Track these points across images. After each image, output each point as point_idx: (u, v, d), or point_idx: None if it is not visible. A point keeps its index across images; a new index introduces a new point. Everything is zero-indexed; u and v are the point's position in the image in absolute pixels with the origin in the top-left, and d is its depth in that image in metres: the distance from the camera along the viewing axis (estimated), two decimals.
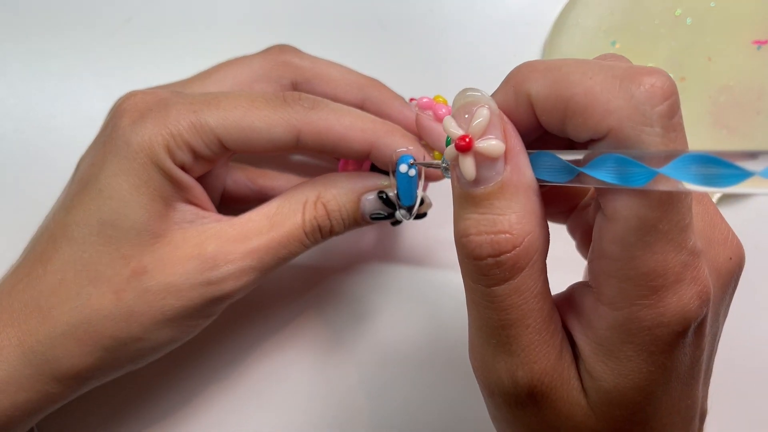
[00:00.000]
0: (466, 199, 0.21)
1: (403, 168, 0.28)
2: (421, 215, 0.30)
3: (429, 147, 0.30)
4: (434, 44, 0.39)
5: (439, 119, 0.29)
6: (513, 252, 0.20)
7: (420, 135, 0.30)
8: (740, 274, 0.23)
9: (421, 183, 0.28)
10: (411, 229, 0.37)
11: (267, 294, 0.36)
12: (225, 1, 0.40)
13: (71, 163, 0.30)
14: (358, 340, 0.36)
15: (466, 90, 0.21)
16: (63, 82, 0.38)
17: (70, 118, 0.37)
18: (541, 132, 0.22)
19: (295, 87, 0.32)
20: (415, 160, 0.28)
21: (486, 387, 0.22)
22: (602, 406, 0.21)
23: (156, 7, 0.39)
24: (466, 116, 0.20)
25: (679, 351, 0.21)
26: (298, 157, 0.37)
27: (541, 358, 0.21)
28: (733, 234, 0.23)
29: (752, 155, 0.16)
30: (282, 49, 0.33)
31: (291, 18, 0.40)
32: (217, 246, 0.28)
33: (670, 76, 0.19)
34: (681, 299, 0.20)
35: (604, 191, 0.20)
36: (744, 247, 0.23)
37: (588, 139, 0.20)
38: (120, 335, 0.27)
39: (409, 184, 0.28)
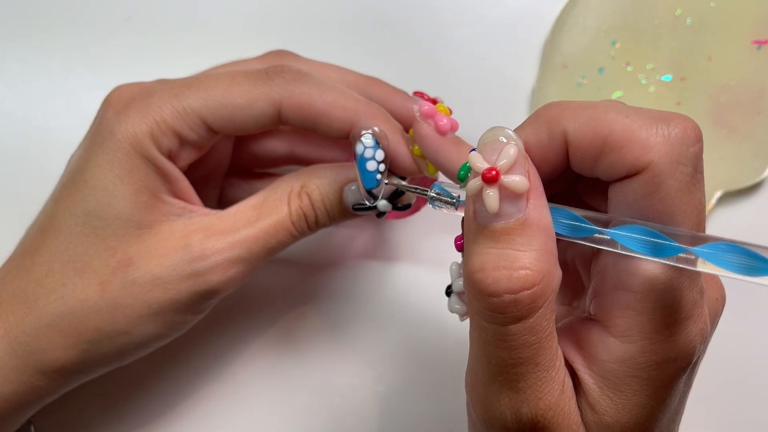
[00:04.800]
0: (484, 233, 0.20)
1: (358, 148, 0.27)
2: (404, 206, 0.29)
3: (421, 156, 0.29)
4: (434, 44, 0.39)
5: (440, 130, 0.28)
6: (532, 290, 0.19)
7: (418, 144, 0.29)
8: (719, 318, 0.24)
9: (385, 165, 0.27)
10: (407, 226, 0.37)
11: (259, 293, 0.36)
12: (225, 1, 0.40)
13: None
14: (353, 338, 0.36)
15: (495, 128, 0.21)
16: (62, 81, 0.38)
17: (70, 118, 0.37)
18: (562, 172, 0.22)
19: None
20: (380, 141, 0.27)
21: (485, 422, 0.22)
22: None
23: (156, 7, 0.39)
24: (492, 153, 0.20)
25: (677, 388, 0.21)
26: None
27: (546, 394, 0.21)
28: (718, 277, 0.24)
29: None
30: (279, 54, 0.32)
31: (291, 18, 0.40)
32: (204, 237, 0.27)
33: (696, 123, 0.20)
34: (688, 335, 0.20)
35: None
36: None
37: (620, 177, 0.20)
38: (105, 328, 0.27)
39: (367, 166, 0.27)
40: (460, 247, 0.25)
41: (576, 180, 0.25)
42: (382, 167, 0.27)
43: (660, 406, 0.21)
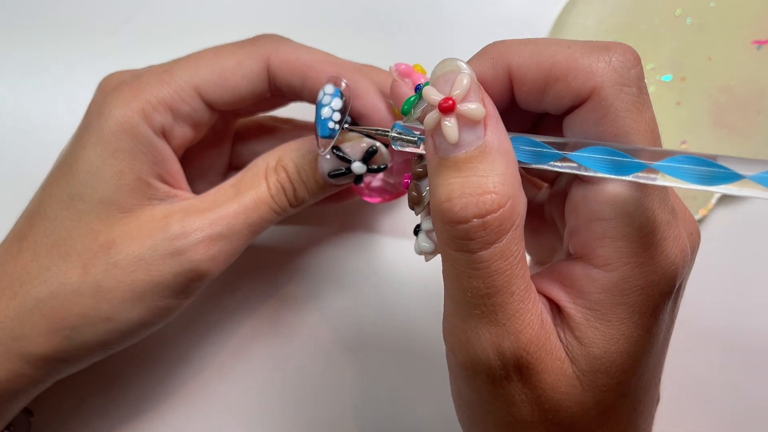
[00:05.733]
0: (446, 165, 0.20)
1: (319, 95, 0.27)
2: (379, 168, 0.29)
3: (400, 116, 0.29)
4: (434, 44, 0.39)
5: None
6: (498, 212, 0.20)
7: (395, 102, 0.28)
8: (696, 253, 0.24)
9: (341, 115, 0.27)
10: (394, 209, 0.37)
11: (260, 283, 0.36)
12: (225, 1, 0.40)
13: None
14: (354, 326, 0.36)
15: (445, 60, 0.21)
16: (63, 81, 0.38)
17: (70, 118, 0.37)
18: (508, 107, 0.23)
19: None
20: (343, 93, 0.27)
21: (466, 365, 0.22)
22: (590, 374, 0.21)
23: (156, 7, 0.39)
24: (446, 85, 0.21)
25: (662, 315, 0.21)
26: None
27: (526, 326, 0.21)
28: (690, 213, 0.24)
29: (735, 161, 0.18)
30: (268, 37, 0.33)
31: (291, 18, 0.40)
32: (184, 216, 0.27)
33: (634, 48, 0.21)
34: (668, 257, 0.21)
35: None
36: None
37: (567, 107, 0.21)
38: (88, 313, 0.26)
39: (322, 112, 0.27)
40: (406, 185, 0.25)
41: (533, 126, 0.26)
42: (337, 116, 0.27)
43: (647, 336, 0.21)
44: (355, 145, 0.28)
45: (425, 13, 0.40)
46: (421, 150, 0.24)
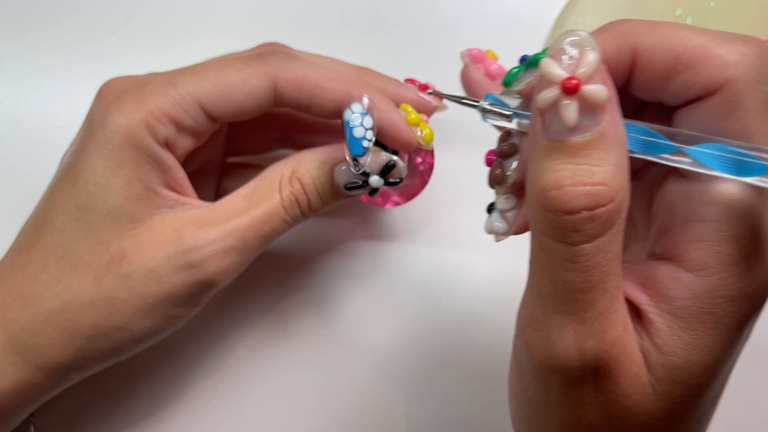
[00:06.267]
0: (558, 149, 0.19)
1: (347, 114, 0.26)
2: (395, 182, 0.29)
3: (416, 125, 0.29)
4: (434, 44, 0.39)
5: (490, 75, 0.26)
6: (608, 206, 0.18)
7: (466, 89, 0.28)
8: None
9: (373, 132, 0.27)
10: (404, 213, 0.37)
11: (261, 284, 0.36)
12: (224, 1, 0.40)
13: None
14: (354, 327, 0.36)
15: (570, 31, 0.19)
16: (62, 81, 0.38)
17: (69, 118, 0.37)
18: (620, 91, 0.21)
19: None
20: (369, 110, 0.26)
21: (543, 362, 0.20)
22: (666, 384, 0.20)
23: (155, 7, 0.39)
24: (568, 61, 0.18)
25: (747, 329, 0.20)
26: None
27: (612, 327, 0.19)
28: None
29: None
30: (271, 46, 0.33)
31: (291, 18, 0.40)
32: (197, 228, 0.27)
33: None
34: (765, 271, 0.19)
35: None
36: None
37: (691, 98, 0.19)
38: (101, 324, 0.27)
39: (354, 132, 0.26)
40: (489, 162, 0.23)
41: (632, 114, 0.24)
42: (369, 134, 0.27)
43: (729, 349, 0.20)
44: (373, 159, 0.28)
45: (425, 12, 0.40)
46: (512, 125, 0.22)
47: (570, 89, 0.18)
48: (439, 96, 0.26)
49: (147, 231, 0.27)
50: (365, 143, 0.26)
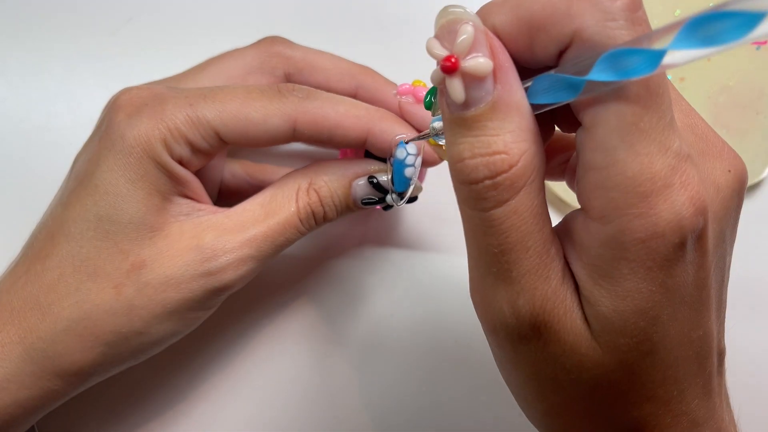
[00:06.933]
0: (458, 123, 0.20)
1: (401, 154, 0.27)
2: (411, 199, 0.30)
3: (436, 146, 0.30)
4: None
5: (419, 100, 0.28)
6: (510, 171, 0.19)
7: (407, 120, 0.30)
8: (743, 191, 0.22)
9: (417, 170, 0.28)
10: (407, 214, 0.37)
11: (263, 285, 0.36)
12: (224, 1, 0.40)
13: (71, 162, 0.30)
14: (355, 328, 0.36)
15: (447, 7, 0.19)
16: (63, 81, 0.38)
17: (70, 118, 0.37)
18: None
19: (288, 78, 0.33)
20: (418, 151, 0.28)
21: (487, 323, 0.21)
22: (605, 334, 0.20)
23: (156, 7, 0.39)
24: (450, 35, 0.19)
25: (679, 268, 0.19)
26: (296, 150, 0.37)
27: (541, 283, 0.20)
28: (729, 147, 0.22)
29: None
30: (273, 40, 0.33)
31: (291, 18, 0.40)
32: (215, 237, 0.28)
33: None
34: (673, 206, 0.19)
35: (581, 105, 0.19)
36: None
37: (556, 54, 0.19)
38: (121, 330, 0.27)
39: (404, 171, 0.28)
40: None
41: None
42: (416, 173, 0.28)
43: (661, 291, 0.19)
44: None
45: (425, 13, 0.40)
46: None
47: (449, 69, 0.19)
48: (409, 140, 0.28)
49: (165, 239, 0.28)
50: (412, 181, 0.28)
